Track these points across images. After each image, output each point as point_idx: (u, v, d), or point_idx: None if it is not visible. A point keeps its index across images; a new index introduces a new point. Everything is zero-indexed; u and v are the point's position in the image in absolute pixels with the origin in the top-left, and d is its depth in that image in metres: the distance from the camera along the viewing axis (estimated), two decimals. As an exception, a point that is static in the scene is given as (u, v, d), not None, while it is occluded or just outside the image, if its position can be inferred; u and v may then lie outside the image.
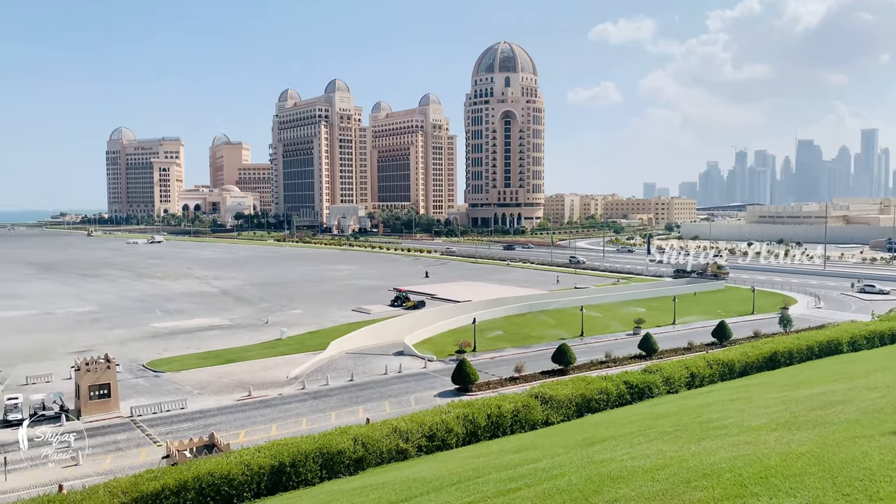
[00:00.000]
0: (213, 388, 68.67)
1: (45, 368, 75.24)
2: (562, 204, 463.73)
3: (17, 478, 45.85)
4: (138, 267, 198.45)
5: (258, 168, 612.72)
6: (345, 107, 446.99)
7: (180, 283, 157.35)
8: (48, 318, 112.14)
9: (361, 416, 56.29)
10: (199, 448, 42.44)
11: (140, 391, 67.43)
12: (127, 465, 47.69)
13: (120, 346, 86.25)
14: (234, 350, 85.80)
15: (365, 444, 29.81)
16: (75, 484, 41.05)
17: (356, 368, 75.74)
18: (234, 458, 25.76)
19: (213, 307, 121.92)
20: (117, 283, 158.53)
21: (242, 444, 48.53)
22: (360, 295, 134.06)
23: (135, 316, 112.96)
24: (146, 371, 75.84)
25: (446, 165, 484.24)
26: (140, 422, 57.88)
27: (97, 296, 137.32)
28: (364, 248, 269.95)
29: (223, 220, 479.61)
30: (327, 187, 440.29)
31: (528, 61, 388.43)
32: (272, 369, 75.70)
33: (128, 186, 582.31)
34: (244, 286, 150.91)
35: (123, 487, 21.74)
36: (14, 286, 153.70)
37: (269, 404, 63.10)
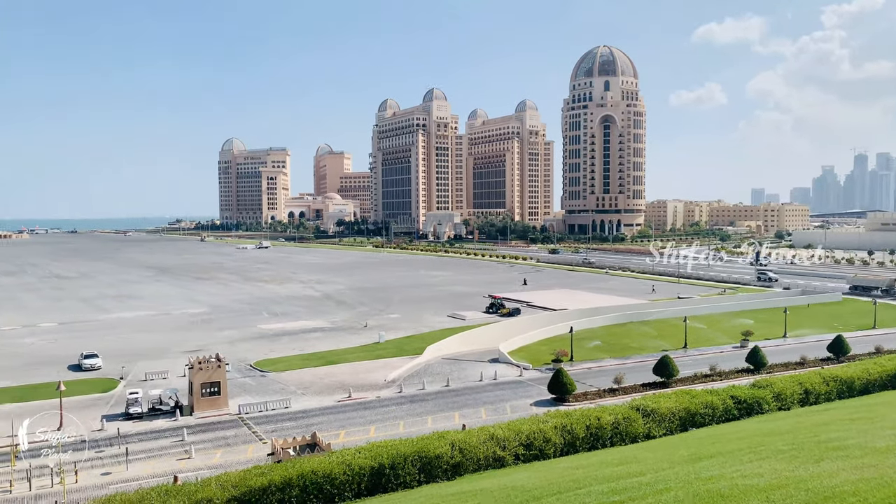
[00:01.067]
0: (315, 388, 70.93)
1: (161, 366, 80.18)
2: (664, 210, 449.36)
3: (137, 467, 48.98)
4: (247, 271, 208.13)
5: (358, 176, 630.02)
6: (442, 115, 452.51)
7: (286, 287, 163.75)
8: (165, 318, 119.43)
9: (457, 422, 56.56)
10: (301, 447, 43.89)
11: (247, 390, 70.56)
12: (235, 460, 49.97)
13: (229, 346, 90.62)
14: (335, 352, 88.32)
15: (462, 449, 29.90)
16: (188, 476, 43.45)
17: (452, 374, 76.18)
18: (336, 458, 26.47)
19: (315, 310, 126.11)
20: (228, 287, 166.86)
21: (343, 444, 49.81)
22: (455, 301, 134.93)
23: (243, 317, 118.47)
24: (253, 370, 79.31)
25: (542, 171, 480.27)
26: (247, 419, 60.53)
27: (209, 298, 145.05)
28: (459, 254, 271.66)
29: (326, 226, 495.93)
30: (424, 194, 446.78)
31: (628, 64, 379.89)
32: (371, 372, 77.36)
33: (238, 194, 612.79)
34: (345, 290, 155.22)
35: (233, 481, 22.78)
36: (134, 288, 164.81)
37: (367, 406, 64.48)
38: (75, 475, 46.52)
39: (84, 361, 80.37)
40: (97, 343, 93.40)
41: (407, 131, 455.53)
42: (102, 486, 44.97)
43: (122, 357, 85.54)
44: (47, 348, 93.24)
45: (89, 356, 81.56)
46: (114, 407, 64.04)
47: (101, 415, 61.19)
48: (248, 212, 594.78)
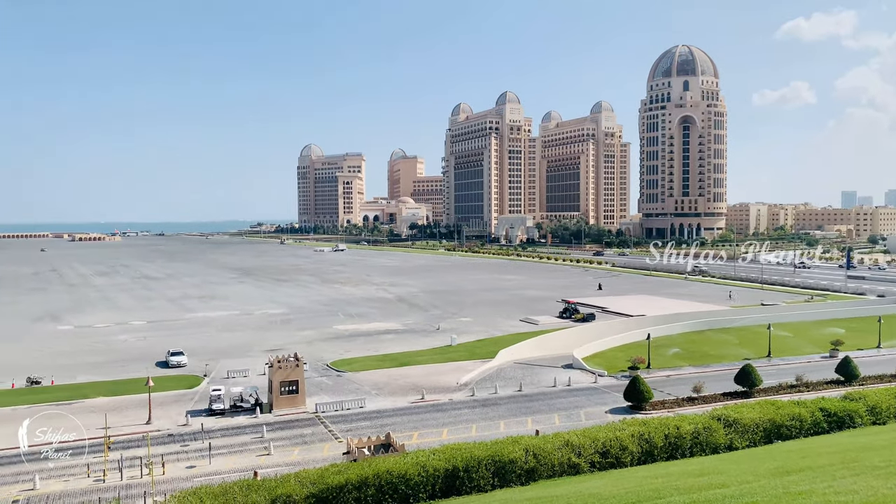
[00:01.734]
0: (388, 389, 71.83)
1: (243, 364, 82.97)
2: (746, 214, 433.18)
3: (219, 462, 50.79)
4: (324, 273, 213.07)
5: (431, 180, 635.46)
6: (515, 118, 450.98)
7: (360, 289, 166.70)
8: (246, 318, 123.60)
9: (530, 428, 56.07)
10: (376, 447, 44.50)
11: (324, 389, 72.13)
12: (311, 457, 51.14)
13: (307, 346, 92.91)
14: (407, 354, 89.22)
15: (536, 455, 29.62)
16: (268, 472, 44.72)
17: (524, 379, 75.64)
18: (411, 459, 26.70)
19: (389, 312, 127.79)
20: (306, 288, 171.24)
21: (416, 445, 50.19)
22: (527, 305, 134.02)
23: (320, 318, 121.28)
24: (330, 370, 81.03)
25: (618, 174, 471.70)
26: (324, 418, 61.85)
27: (288, 299, 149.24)
28: (531, 258, 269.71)
29: (399, 229, 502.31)
30: (496, 198, 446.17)
31: (708, 63, 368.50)
32: (443, 374, 77.71)
33: (315, 198, 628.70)
34: (417, 293, 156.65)
35: (312, 478, 23.31)
36: (218, 289, 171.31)
37: (440, 409, 64.78)
38: (163, 467, 48.68)
39: (171, 359, 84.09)
40: (183, 341, 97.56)
41: (479, 135, 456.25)
42: (187, 479, 46.83)
43: (206, 355, 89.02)
44: (138, 345, 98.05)
45: (175, 353, 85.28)
46: (198, 403, 66.66)
47: (186, 410, 63.77)
48: (324, 215, 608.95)
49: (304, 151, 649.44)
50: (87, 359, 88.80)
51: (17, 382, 74.79)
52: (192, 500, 21.77)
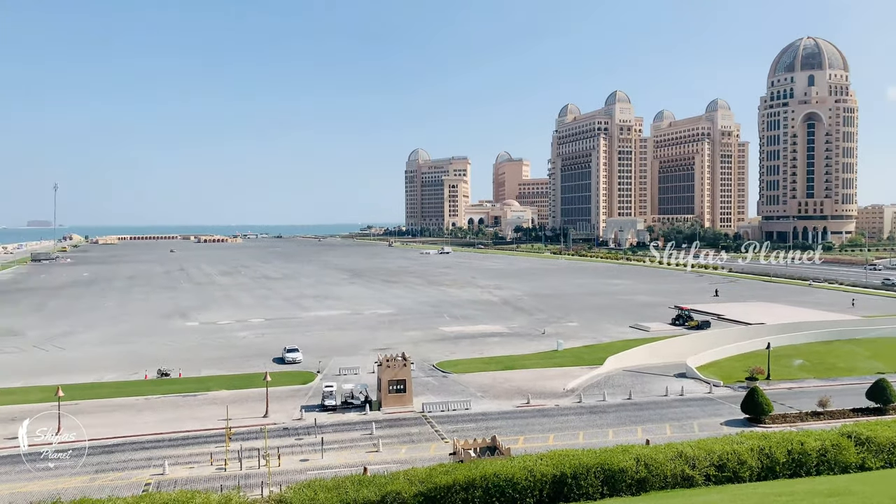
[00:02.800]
0: (494, 392, 71.85)
1: (353, 362, 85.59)
2: (880, 216, 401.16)
3: (331, 456, 52.54)
4: (430, 275, 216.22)
5: (537, 183, 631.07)
6: (625, 118, 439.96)
7: (466, 291, 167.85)
8: (357, 318, 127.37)
9: (640, 437, 54.44)
10: (482, 449, 44.59)
11: (430, 389, 73.12)
12: (418, 456, 51.95)
13: (414, 347, 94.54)
14: (512, 357, 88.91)
15: (648, 465, 28.68)
16: (377, 468, 45.83)
17: (634, 387, 73.53)
18: (518, 463, 26.56)
19: (494, 315, 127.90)
20: (412, 289, 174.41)
21: (523, 449, 49.86)
22: (637, 311, 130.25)
23: (427, 319, 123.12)
24: (436, 371, 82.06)
25: (735, 175, 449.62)
26: (430, 418, 62.69)
27: (396, 300, 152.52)
28: (642, 262, 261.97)
29: (504, 232, 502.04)
30: (604, 200, 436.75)
31: (836, 56, 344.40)
32: (549, 379, 76.85)
33: (422, 202, 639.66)
34: (522, 297, 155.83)
35: (420, 477, 23.67)
36: (331, 289, 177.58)
37: (546, 414, 64.09)
38: (278, 459, 50.96)
39: (286, 355, 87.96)
40: (298, 339, 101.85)
41: (587, 136, 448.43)
42: (301, 472, 48.78)
43: (319, 352, 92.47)
44: (256, 342, 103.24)
45: (291, 350, 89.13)
46: (311, 398, 69.31)
47: (301, 405, 66.49)
48: (430, 218, 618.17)
49: (412, 156, 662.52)
50: (211, 354, 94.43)
51: (149, 374, 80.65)
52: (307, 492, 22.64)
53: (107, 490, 44.48)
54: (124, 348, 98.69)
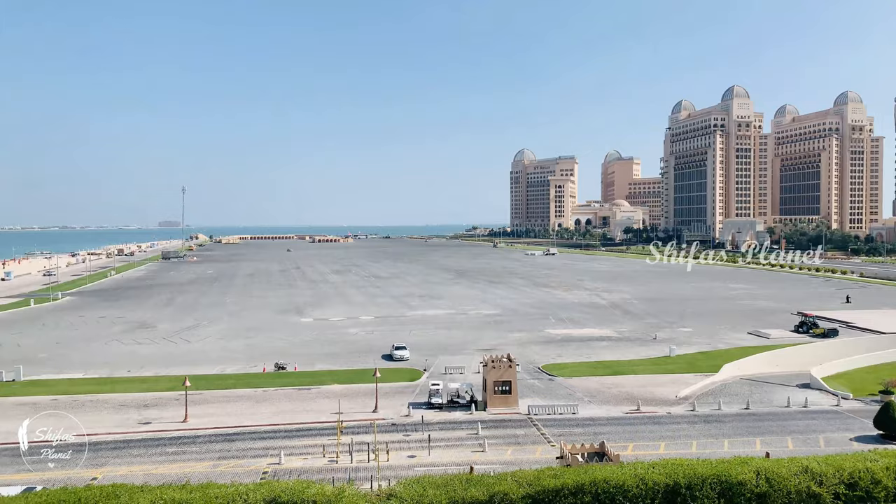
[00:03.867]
0: (602, 397, 70.33)
1: (459, 361, 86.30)
2: None
3: (437, 454, 53.19)
4: (535, 276, 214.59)
5: (648, 182, 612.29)
6: (743, 114, 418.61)
7: (572, 294, 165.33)
8: (462, 317, 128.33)
9: (759, 449, 51.66)
10: (590, 454, 43.75)
11: (536, 391, 72.53)
12: (524, 458, 51.65)
13: (519, 348, 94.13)
14: (621, 363, 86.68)
15: (769, 479, 27.02)
16: (482, 468, 45.89)
17: (752, 396, 69.83)
18: (629, 470, 25.76)
19: (602, 318, 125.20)
20: (517, 291, 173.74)
21: (632, 457, 48.53)
22: (756, 317, 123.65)
23: (532, 321, 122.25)
24: (541, 373, 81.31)
25: (868, 172, 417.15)
26: (536, 420, 62.17)
27: (501, 300, 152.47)
28: (762, 265, 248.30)
29: (612, 233, 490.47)
30: (721, 200, 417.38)
31: None
32: (660, 386, 74.35)
33: (527, 202, 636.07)
34: (632, 300, 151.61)
35: (528, 479, 23.48)
36: (437, 288, 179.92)
37: (657, 421, 62.05)
38: (387, 454, 52.15)
39: (395, 352, 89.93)
40: (405, 336, 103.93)
41: (703, 133, 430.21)
42: (409, 468, 49.68)
43: (425, 350, 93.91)
44: (366, 338, 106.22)
45: (399, 348, 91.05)
46: (418, 396, 70.48)
47: (408, 402, 67.79)
48: (536, 219, 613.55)
49: (518, 156, 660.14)
50: (324, 349, 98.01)
51: (267, 367, 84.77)
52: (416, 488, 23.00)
53: (228, 476, 47.13)
54: (244, 342, 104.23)
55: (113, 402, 69.43)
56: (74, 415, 64.30)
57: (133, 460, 52.39)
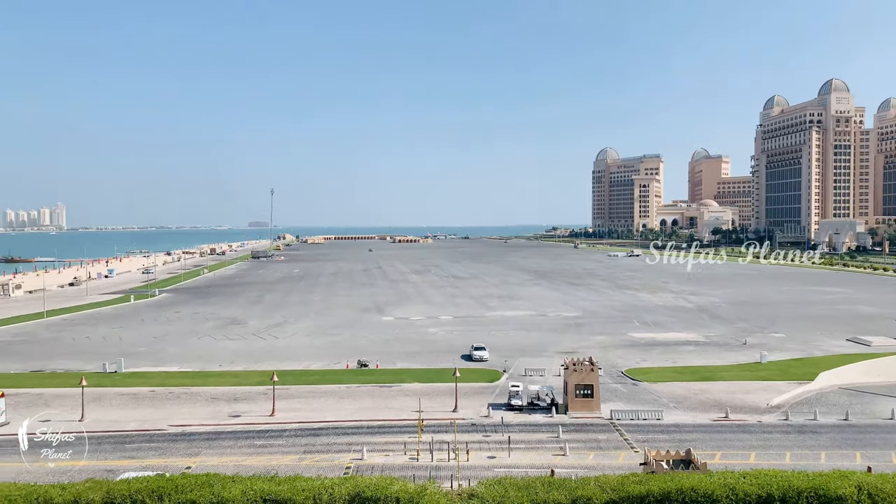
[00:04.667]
0: (688, 403, 68.14)
1: (538, 363, 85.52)
2: None
3: (517, 456, 52.88)
4: (617, 278, 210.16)
5: (738, 181, 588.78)
6: (842, 108, 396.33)
7: (657, 296, 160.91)
8: (541, 319, 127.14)
9: (860, 463, 48.79)
10: (675, 461, 42.45)
11: (618, 396, 71.00)
12: (606, 463, 50.65)
13: (601, 351, 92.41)
14: (709, 368, 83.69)
15: (872, 494, 25.51)
16: (563, 472, 45.33)
17: (852, 407, 65.98)
18: (718, 480, 24.87)
19: (688, 322, 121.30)
20: (599, 293, 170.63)
21: (721, 465, 46.85)
22: (856, 323, 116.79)
23: (615, 324, 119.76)
24: (624, 378, 79.52)
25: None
26: (618, 425, 60.85)
27: (582, 302, 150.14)
28: (863, 269, 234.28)
29: (700, 234, 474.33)
30: (817, 200, 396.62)
31: None
32: (750, 393, 71.36)
33: (610, 202, 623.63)
34: (720, 304, 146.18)
35: (612, 484, 23.00)
36: (516, 289, 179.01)
37: (747, 430, 59.57)
38: (467, 454, 52.27)
39: (474, 353, 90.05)
40: (484, 337, 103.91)
41: (797, 129, 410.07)
42: (488, 468, 49.63)
43: (505, 352, 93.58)
44: (446, 338, 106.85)
45: (478, 348, 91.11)
46: (497, 397, 70.30)
47: (488, 403, 67.72)
48: (619, 220, 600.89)
49: (600, 155, 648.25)
50: (404, 347, 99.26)
51: (350, 364, 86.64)
52: (498, 489, 22.95)
53: (313, 469, 48.39)
54: (328, 339, 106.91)
55: (205, 394, 72.63)
56: (170, 406, 67.87)
57: (224, 451, 54.62)
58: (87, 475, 42.85)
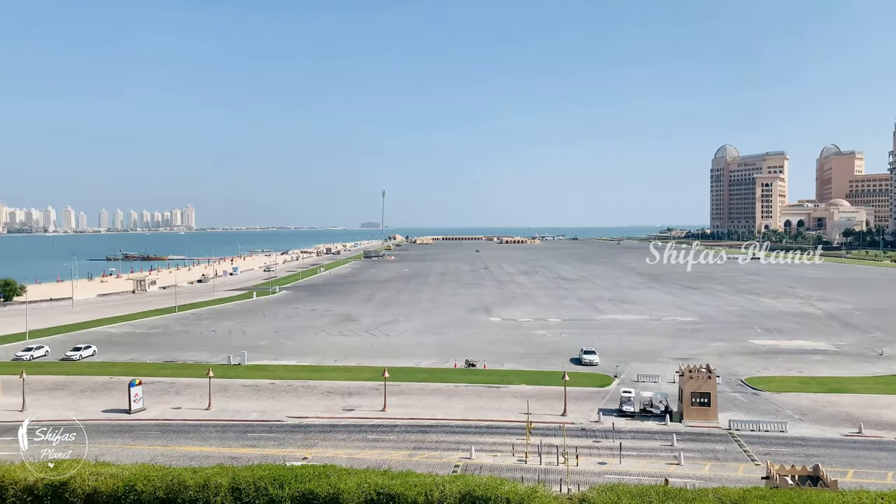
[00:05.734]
0: (815, 416, 63.90)
1: (652, 369, 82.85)
2: None
3: (629, 463, 51.49)
4: (737, 282, 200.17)
5: (873, 179, 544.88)
6: None
7: (781, 302, 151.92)
8: (655, 323, 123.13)
9: None
10: (801, 477, 39.91)
11: (738, 406, 67.63)
12: (724, 475, 48.39)
13: (719, 359, 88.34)
14: (839, 379, 78.12)
15: None
16: (678, 482, 43.66)
17: None
18: (852, 499, 23.01)
19: (816, 330, 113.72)
20: (717, 297, 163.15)
21: (852, 484, 43.69)
22: None
23: (734, 330, 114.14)
24: (744, 387, 75.63)
25: None
26: (737, 436, 57.96)
27: (698, 307, 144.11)
28: None
29: (829, 236, 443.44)
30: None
31: None
32: (887, 408, 66.03)
33: (729, 202, 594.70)
34: (853, 311, 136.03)
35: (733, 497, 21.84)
36: (627, 292, 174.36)
37: (883, 447, 55.10)
38: (576, 459, 51.46)
39: (583, 356, 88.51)
40: (594, 340, 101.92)
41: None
42: (599, 474, 48.65)
43: (616, 356, 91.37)
44: (554, 341, 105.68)
45: (588, 352, 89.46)
46: (608, 402, 68.76)
47: (598, 408, 66.35)
48: (739, 220, 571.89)
49: (719, 153, 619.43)
50: (512, 349, 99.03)
51: (458, 363, 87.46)
52: (610, 495, 22.34)
53: (423, 466, 49.30)
54: (436, 338, 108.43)
55: (321, 388, 75.59)
56: (288, 399, 71.09)
57: (338, 444, 56.62)
58: (214, 461, 45.76)
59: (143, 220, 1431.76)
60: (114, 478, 24.39)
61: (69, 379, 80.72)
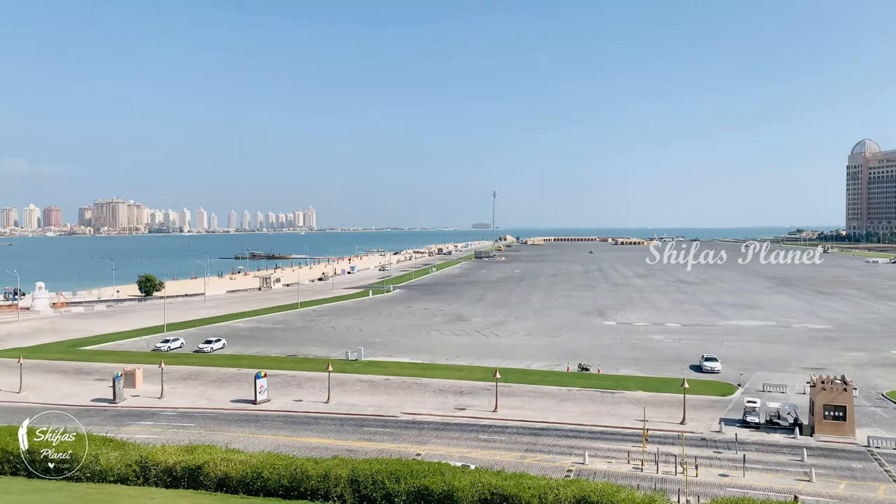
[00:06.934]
0: (970, 437, 57.86)
1: (779, 379, 78.07)
2: None
3: (753, 476, 48.79)
4: (877, 288, 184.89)
5: None
6: None
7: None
8: (783, 330, 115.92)
9: None
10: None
11: (878, 421, 62.50)
12: (861, 496, 44.95)
13: (855, 370, 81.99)
14: None
15: None
16: (808, 500, 41.09)
17: None
18: None
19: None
20: (853, 303, 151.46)
21: None
22: None
23: (873, 340, 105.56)
24: (885, 401, 69.76)
25: None
26: (878, 454, 53.55)
27: (832, 314, 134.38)
28: None
29: None
30: None
31: None
32: None
33: (868, 202, 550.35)
34: None
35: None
36: (753, 297, 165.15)
37: None
38: (695, 469, 49.37)
39: (704, 363, 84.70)
40: (715, 347, 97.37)
41: None
42: (720, 487, 46.46)
43: (739, 364, 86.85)
44: (672, 346, 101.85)
45: (709, 359, 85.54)
46: (731, 412, 65.45)
47: (720, 417, 63.33)
48: (880, 221, 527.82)
49: (856, 149, 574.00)
50: (627, 353, 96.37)
51: (570, 366, 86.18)
52: (735, 510, 21.41)
53: (536, 469, 48.92)
54: (548, 340, 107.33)
55: (433, 386, 76.79)
56: (402, 395, 72.70)
57: (450, 442, 57.30)
58: (332, 452, 47.62)
59: (268, 220, 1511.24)
60: (243, 464, 26.01)
61: (201, 369, 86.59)
